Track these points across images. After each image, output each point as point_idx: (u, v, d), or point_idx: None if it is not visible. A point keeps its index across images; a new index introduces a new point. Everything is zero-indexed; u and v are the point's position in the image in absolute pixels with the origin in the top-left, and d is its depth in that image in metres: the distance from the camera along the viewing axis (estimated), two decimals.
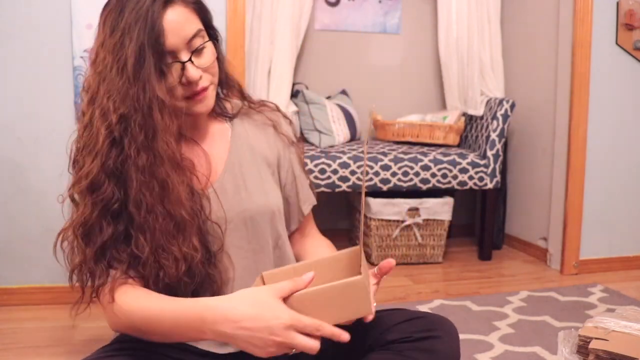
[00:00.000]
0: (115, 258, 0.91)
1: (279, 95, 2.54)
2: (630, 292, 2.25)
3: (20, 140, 1.99)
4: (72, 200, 0.94)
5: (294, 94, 2.85)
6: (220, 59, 1.03)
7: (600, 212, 2.56)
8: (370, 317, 0.89)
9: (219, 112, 1.09)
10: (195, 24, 0.95)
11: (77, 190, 0.91)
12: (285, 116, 1.17)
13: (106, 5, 0.93)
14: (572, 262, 2.53)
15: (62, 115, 2.01)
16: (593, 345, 1.36)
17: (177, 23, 0.92)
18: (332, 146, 2.69)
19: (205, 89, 0.97)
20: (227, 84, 1.08)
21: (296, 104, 2.77)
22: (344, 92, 3.04)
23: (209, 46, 0.97)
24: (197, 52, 0.94)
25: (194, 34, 0.94)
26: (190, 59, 0.93)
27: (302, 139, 2.73)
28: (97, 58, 0.92)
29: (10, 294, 2.03)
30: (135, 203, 0.90)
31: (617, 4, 2.47)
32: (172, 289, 0.92)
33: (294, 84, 2.81)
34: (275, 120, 1.14)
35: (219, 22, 1.62)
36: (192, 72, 0.93)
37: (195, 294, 0.96)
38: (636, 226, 2.63)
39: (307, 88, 2.91)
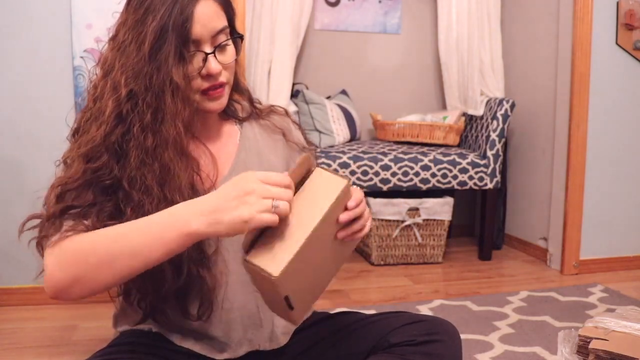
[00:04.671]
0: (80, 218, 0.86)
1: (279, 95, 2.54)
2: (630, 292, 2.25)
3: (20, 139, 2.00)
4: (65, 163, 0.93)
5: (294, 94, 2.85)
6: (237, 60, 1.02)
7: (600, 212, 2.56)
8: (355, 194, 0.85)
9: (229, 114, 1.09)
10: (222, 20, 0.95)
11: (74, 154, 0.90)
12: (294, 121, 1.16)
13: None
14: (572, 262, 2.53)
15: (62, 115, 2.00)
16: (593, 345, 1.36)
17: (207, 15, 0.91)
18: (332, 146, 2.69)
19: (222, 86, 0.97)
20: (238, 87, 1.08)
21: (296, 104, 2.77)
22: (344, 92, 3.04)
23: (232, 45, 0.98)
24: (220, 47, 0.94)
25: (220, 29, 0.94)
26: (213, 52, 0.93)
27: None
28: (117, 35, 0.92)
29: (10, 294, 2.03)
30: (132, 182, 0.88)
31: (617, 4, 2.47)
32: (157, 281, 0.89)
33: (294, 84, 2.81)
34: (285, 128, 1.12)
35: None
36: (214, 64, 0.93)
37: (182, 294, 0.95)
38: (636, 226, 2.63)
39: (307, 88, 2.91)
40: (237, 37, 1.00)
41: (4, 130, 1.98)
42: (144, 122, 0.88)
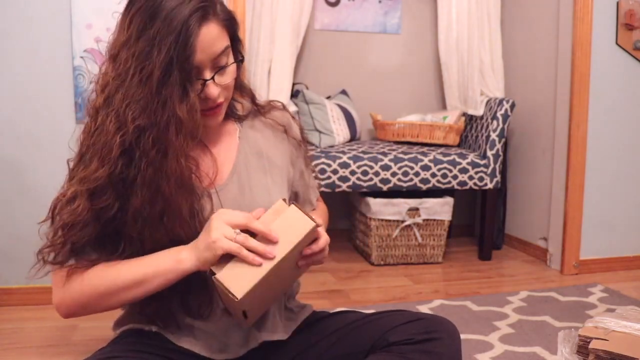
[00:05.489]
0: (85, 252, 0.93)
1: (279, 95, 2.54)
2: (630, 292, 2.25)
3: (20, 139, 2.00)
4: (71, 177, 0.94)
5: (294, 94, 2.85)
6: (238, 74, 1.02)
7: (600, 212, 2.56)
8: (321, 240, 0.93)
9: (229, 113, 1.08)
10: (224, 40, 0.94)
11: (77, 189, 0.90)
12: (292, 116, 1.17)
13: (133, 1, 0.90)
14: (572, 262, 2.53)
15: (62, 115, 2.01)
16: (593, 345, 1.36)
17: (209, 41, 0.90)
18: (332, 146, 2.69)
19: (220, 105, 0.97)
20: (240, 88, 1.08)
21: (296, 104, 2.78)
22: (344, 92, 3.04)
23: (233, 65, 0.97)
24: (220, 69, 0.94)
25: (221, 52, 0.92)
26: (212, 77, 0.92)
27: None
28: (119, 56, 0.89)
29: (10, 294, 2.03)
30: (135, 214, 0.89)
31: (617, 4, 2.47)
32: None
33: (294, 84, 2.81)
34: (286, 124, 1.13)
35: None
36: (212, 90, 0.93)
37: (184, 291, 0.96)
38: (636, 226, 2.63)
39: (307, 88, 2.91)
40: (238, 62, 0.99)
41: (4, 130, 1.98)
42: (149, 157, 0.88)
